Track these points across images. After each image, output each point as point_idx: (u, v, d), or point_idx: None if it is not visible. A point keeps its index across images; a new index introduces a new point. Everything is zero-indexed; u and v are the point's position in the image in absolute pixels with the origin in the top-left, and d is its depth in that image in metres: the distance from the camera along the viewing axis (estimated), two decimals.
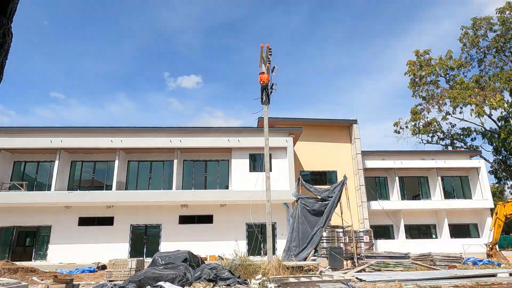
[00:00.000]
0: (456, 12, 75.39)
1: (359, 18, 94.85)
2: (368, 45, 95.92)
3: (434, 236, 27.80)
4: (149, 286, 9.65)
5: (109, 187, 23.26)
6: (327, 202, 15.84)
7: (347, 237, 19.74)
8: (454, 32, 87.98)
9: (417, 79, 39.11)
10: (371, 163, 27.72)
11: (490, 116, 36.88)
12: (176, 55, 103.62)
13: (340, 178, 21.07)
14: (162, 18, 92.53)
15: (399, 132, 40.02)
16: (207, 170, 24.41)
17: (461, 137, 40.63)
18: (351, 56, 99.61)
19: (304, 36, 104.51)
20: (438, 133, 40.70)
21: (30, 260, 21.32)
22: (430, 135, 40.67)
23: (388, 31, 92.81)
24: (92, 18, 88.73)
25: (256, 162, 23.27)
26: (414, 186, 29.49)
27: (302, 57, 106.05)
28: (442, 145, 41.02)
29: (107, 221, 22.56)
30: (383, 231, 27.27)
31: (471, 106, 35.52)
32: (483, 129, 38.98)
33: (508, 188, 43.56)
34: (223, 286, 9.83)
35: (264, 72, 16.09)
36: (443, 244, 25.31)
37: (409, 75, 39.35)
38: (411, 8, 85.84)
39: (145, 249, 22.32)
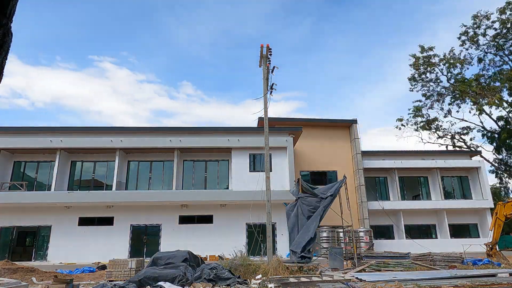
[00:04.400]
0: (456, 25, 75.51)
1: (361, 30, 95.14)
2: (369, 54, 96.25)
3: (434, 236, 27.78)
4: (149, 286, 9.65)
5: (109, 187, 23.25)
6: (323, 198, 15.76)
7: (347, 237, 19.76)
8: (454, 43, 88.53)
9: (417, 76, 39.32)
10: (371, 163, 27.71)
11: (490, 115, 36.91)
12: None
13: (340, 178, 21.05)
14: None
15: (400, 128, 40.39)
16: (207, 170, 24.40)
17: (461, 136, 40.69)
18: (353, 65, 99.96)
19: (308, 46, 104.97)
20: (439, 132, 40.82)
21: (30, 260, 21.31)
22: (431, 131, 40.82)
23: (388, 42, 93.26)
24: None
25: (256, 162, 23.26)
26: (414, 186, 29.49)
27: (304, 65, 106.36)
28: (442, 144, 41.11)
29: (107, 221, 22.55)
30: (383, 231, 27.24)
31: (470, 103, 35.66)
32: (482, 128, 39.04)
33: (509, 187, 43.52)
34: (223, 286, 9.82)
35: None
36: (443, 244, 25.28)
37: (413, 69, 39.45)
38: (411, 21, 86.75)
39: (145, 249, 22.30)
